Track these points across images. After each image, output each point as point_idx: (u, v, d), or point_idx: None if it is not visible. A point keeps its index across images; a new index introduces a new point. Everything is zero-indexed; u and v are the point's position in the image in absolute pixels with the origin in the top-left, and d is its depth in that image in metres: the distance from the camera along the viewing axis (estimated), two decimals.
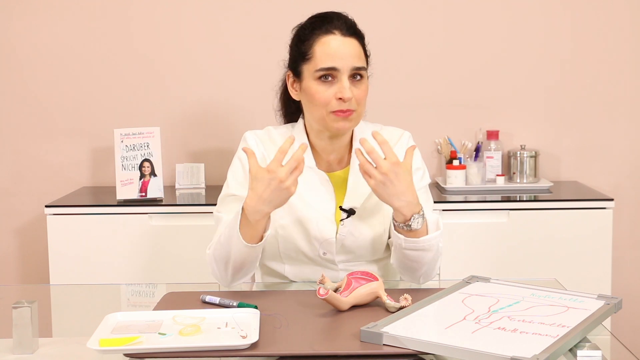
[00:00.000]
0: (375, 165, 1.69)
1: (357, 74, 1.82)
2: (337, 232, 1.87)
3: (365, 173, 1.70)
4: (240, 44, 3.26)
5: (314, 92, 1.82)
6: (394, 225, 1.76)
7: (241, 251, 1.73)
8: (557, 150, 3.28)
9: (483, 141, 3.20)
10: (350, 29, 1.84)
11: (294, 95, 1.90)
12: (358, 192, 1.88)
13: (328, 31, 1.82)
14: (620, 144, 3.27)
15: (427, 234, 1.77)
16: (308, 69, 1.83)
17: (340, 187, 1.91)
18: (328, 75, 1.80)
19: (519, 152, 3.13)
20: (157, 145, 2.98)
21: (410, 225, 1.73)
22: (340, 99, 1.79)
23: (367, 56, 1.89)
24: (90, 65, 3.27)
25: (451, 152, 3.13)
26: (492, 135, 3.18)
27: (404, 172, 1.69)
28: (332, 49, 1.80)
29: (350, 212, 1.87)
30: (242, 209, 1.70)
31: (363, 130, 1.94)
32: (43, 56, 3.28)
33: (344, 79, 1.80)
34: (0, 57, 3.28)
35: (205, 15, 3.25)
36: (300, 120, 1.95)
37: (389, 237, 1.91)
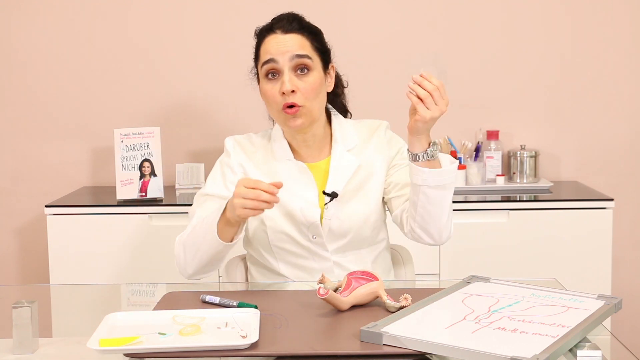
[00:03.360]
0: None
1: (302, 67, 1.85)
2: (322, 217, 1.90)
3: (423, 105, 1.70)
4: (240, 44, 3.25)
5: (264, 91, 1.89)
6: (415, 160, 1.77)
7: (212, 246, 1.77)
8: (557, 150, 3.28)
9: (483, 141, 3.20)
10: (293, 25, 1.88)
11: (261, 97, 1.95)
12: (339, 176, 1.92)
13: (270, 31, 1.89)
14: (620, 144, 3.27)
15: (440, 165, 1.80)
16: (259, 69, 1.90)
17: (323, 177, 1.94)
18: (272, 71, 1.86)
19: (519, 152, 3.13)
20: (157, 145, 2.98)
21: (430, 152, 1.76)
22: (283, 93, 1.84)
23: (321, 52, 1.91)
24: (90, 65, 3.28)
25: (451, 152, 3.12)
26: (492, 135, 3.18)
27: (443, 98, 1.71)
28: (272, 44, 1.87)
29: (333, 196, 1.90)
30: (225, 207, 1.74)
31: (343, 126, 1.98)
32: (43, 56, 3.28)
33: (286, 72, 1.84)
34: (1, 57, 3.29)
35: (206, 16, 3.25)
36: None
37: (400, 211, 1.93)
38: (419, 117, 1.71)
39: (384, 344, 1.36)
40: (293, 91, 1.83)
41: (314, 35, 1.91)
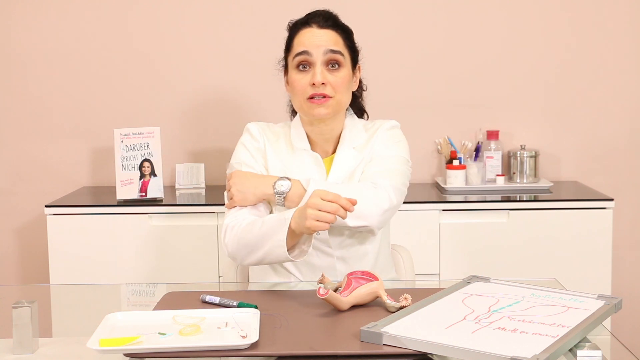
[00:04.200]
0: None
1: (334, 62, 1.91)
2: None
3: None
4: (240, 44, 3.26)
5: (292, 81, 1.93)
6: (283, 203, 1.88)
7: (278, 258, 1.78)
8: (557, 150, 3.27)
9: (483, 141, 3.20)
10: (328, 22, 1.93)
11: (286, 89, 2.00)
12: (340, 171, 1.95)
13: (306, 24, 1.94)
14: (620, 144, 3.27)
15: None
16: (290, 60, 1.95)
17: (327, 173, 1.98)
18: (304, 63, 1.90)
19: (519, 152, 3.13)
20: (157, 145, 2.98)
21: (281, 195, 1.86)
22: (313, 84, 1.88)
23: (352, 50, 1.97)
24: (90, 65, 3.28)
25: (451, 152, 3.12)
26: (492, 135, 3.18)
27: (237, 175, 1.89)
28: (307, 37, 1.92)
29: None
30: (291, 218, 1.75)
31: (355, 125, 2.00)
32: (43, 56, 3.28)
33: (318, 65, 1.89)
34: (1, 57, 3.29)
35: (206, 15, 3.25)
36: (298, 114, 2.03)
37: None
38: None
39: (384, 344, 1.36)
40: (323, 83, 1.88)
41: (347, 34, 1.96)
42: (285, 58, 1.98)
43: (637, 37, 3.23)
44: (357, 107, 2.09)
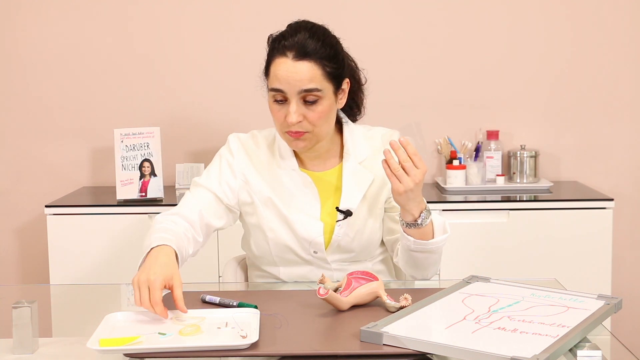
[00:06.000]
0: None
1: (310, 97, 1.76)
2: (332, 232, 1.88)
3: (395, 177, 1.67)
4: (240, 44, 3.26)
5: (271, 110, 1.83)
6: (404, 225, 1.76)
7: None
8: (557, 150, 3.28)
9: (483, 141, 3.20)
10: (303, 52, 1.76)
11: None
12: (354, 193, 1.88)
13: (282, 52, 1.78)
14: (620, 144, 3.27)
15: (432, 234, 1.77)
16: (268, 89, 1.83)
17: (326, 188, 1.91)
18: (280, 96, 1.78)
19: (519, 152, 3.13)
20: (157, 145, 2.98)
21: (419, 223, 1.73)
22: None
23: (333, 77, 1.80)
24: (90, 65, 3.28)
25: (451, 152, 3.12)
26: (492, 135, 3.18)
27: (417, 167, 1.68)
28: (281, 72, 1.77)
29: (347, 214, 1.86)
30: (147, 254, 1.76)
31: (354, 136, 1.93)
32: (43, 56, 3.28)
33: (293, 102, 1.76)
34: (1, 57, 3.29)
35: (206, 16, 3.25)
36: None
37: (386, 235, 1.95)
38: (393, 191, 1.69)
39: (384, 344, 1.36)
40: (300, 121, 1.78)
41: (327, 59, 1.78)
42: (264, 75, 1.85)
43: (636, 37, 3.23)
44: (350, 104, 1.94)
